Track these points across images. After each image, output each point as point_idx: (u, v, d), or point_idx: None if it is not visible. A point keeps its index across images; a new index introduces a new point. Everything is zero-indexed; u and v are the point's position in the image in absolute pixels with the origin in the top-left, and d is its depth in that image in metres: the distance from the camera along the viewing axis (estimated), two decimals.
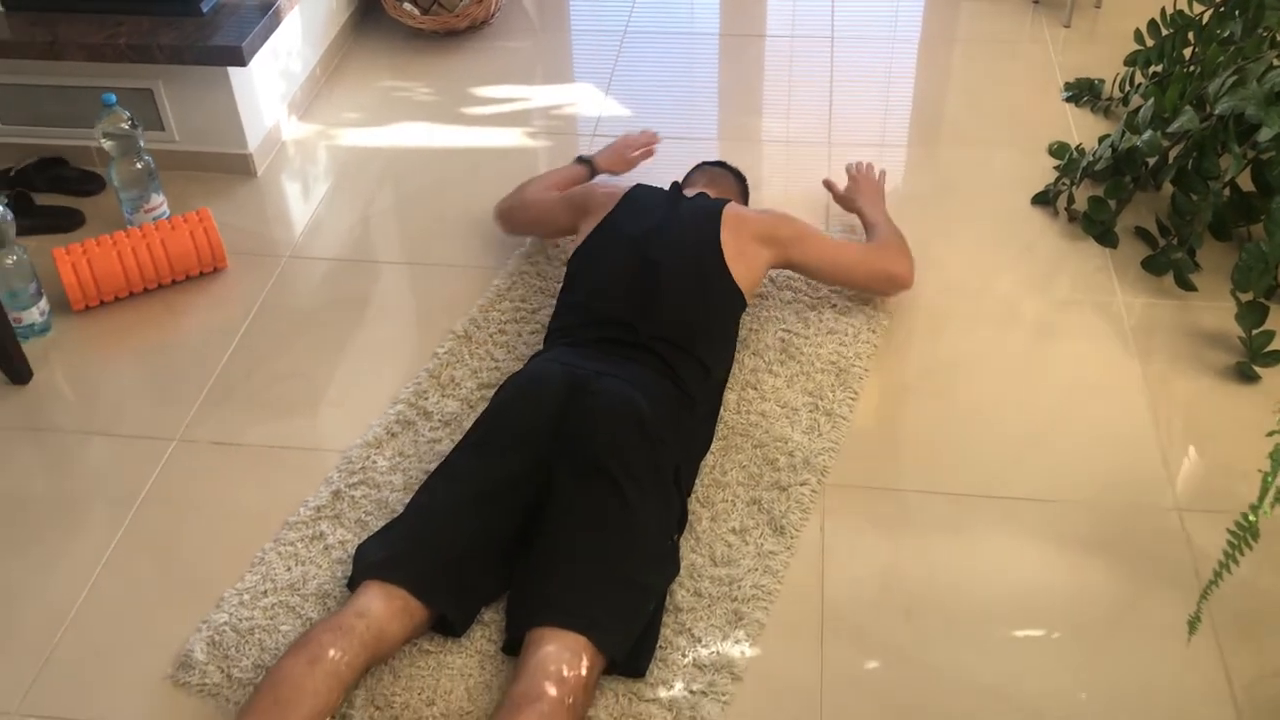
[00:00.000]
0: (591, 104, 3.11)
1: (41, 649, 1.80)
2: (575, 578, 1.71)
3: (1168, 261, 2.41)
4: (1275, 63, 2.36)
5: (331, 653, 1.59)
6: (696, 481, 2.00)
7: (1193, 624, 1.55)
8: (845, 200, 2.53)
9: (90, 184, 2.80)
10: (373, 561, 1.76)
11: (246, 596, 1.85)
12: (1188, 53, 2.72)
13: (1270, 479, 1.34)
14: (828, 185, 2.59)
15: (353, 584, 1.77)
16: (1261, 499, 1.36)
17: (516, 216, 2.51)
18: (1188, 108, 2.42)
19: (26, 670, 1.77)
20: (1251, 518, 1.38)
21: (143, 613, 1.85)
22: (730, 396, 2.16)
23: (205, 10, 2.67)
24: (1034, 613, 1.81)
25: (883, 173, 2.59)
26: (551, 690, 1.55)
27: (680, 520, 1.91)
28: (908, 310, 2.38)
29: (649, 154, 2.63)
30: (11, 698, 1.73)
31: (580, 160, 2.58)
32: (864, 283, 2.32)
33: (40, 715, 1.71)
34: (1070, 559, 1.89)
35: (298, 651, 1.60)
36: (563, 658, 1.60)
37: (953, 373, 2.24)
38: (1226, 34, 2.61)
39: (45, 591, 1.89)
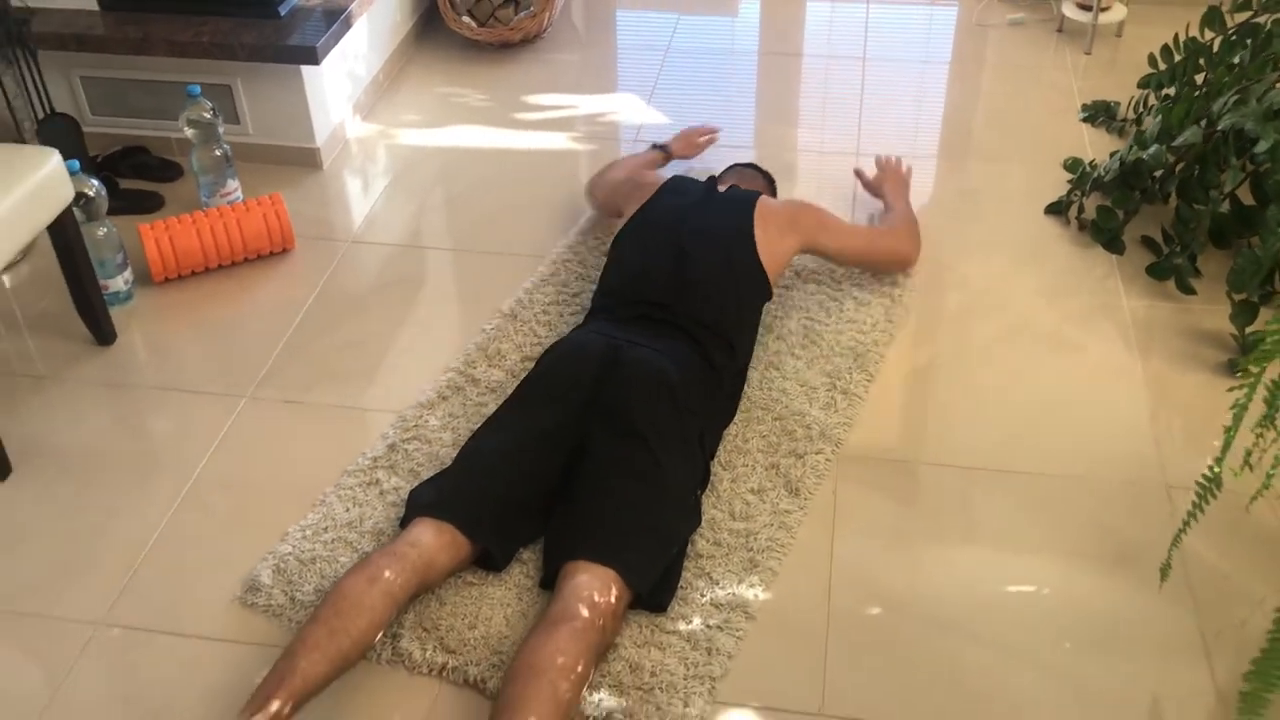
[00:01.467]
0: (633, 113, 3.31)
1: (125, 570, 2.00)
2: (608, 521, 1.89)
3: (1170, 267, 2.57)
4: (1277, 85, 2.53)
5: (387, 574, 1.78)
6: (720, 448, 2.18)
7: (1164, 571, 1.70)
8: (872, 187, 2.80)
9: (169, 171, 3.04)
10: (424, 502, 1.95)
11: (309, 532, 2.04)
12: (1200, 78, 2.89)
13: (1232, 433, 1.50)
14: (857, 173, 2.86)
15: (405, 523, 1.95)
16: (1224, 452, 1.51)
17: (595, 193, 2.75)
18: (1193, 125, 2.59)
19: (112, 587, 1.97)
20: (1216, 469, 1.53)
21: (215, 543, 2.05)
22: (754, 375, 2.34)
23: (282, 13, 2.90)
24: (1028, 572, 1.97)
25: (909, 168, 2.81)
26: (584, 612, 1.73)
27: (703, 479, 2.09)
28: (925, 304, 2.55)
29: (714, 140, 2.94)
30: (99, 609, 1.94)
31: (655, 146, 2.87)
32: (874, 262, 2.57)
33: (123, 625, 1.91)
34: (1064, 526, 2.04)
35: (357, 572, 1.78)
36: (594, 586, 1.77)
37: (964, 361, 2.41)
38: (1235, 59, 2.78)
39: (128, 522, 2.09)
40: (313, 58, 2.82)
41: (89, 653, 1.87)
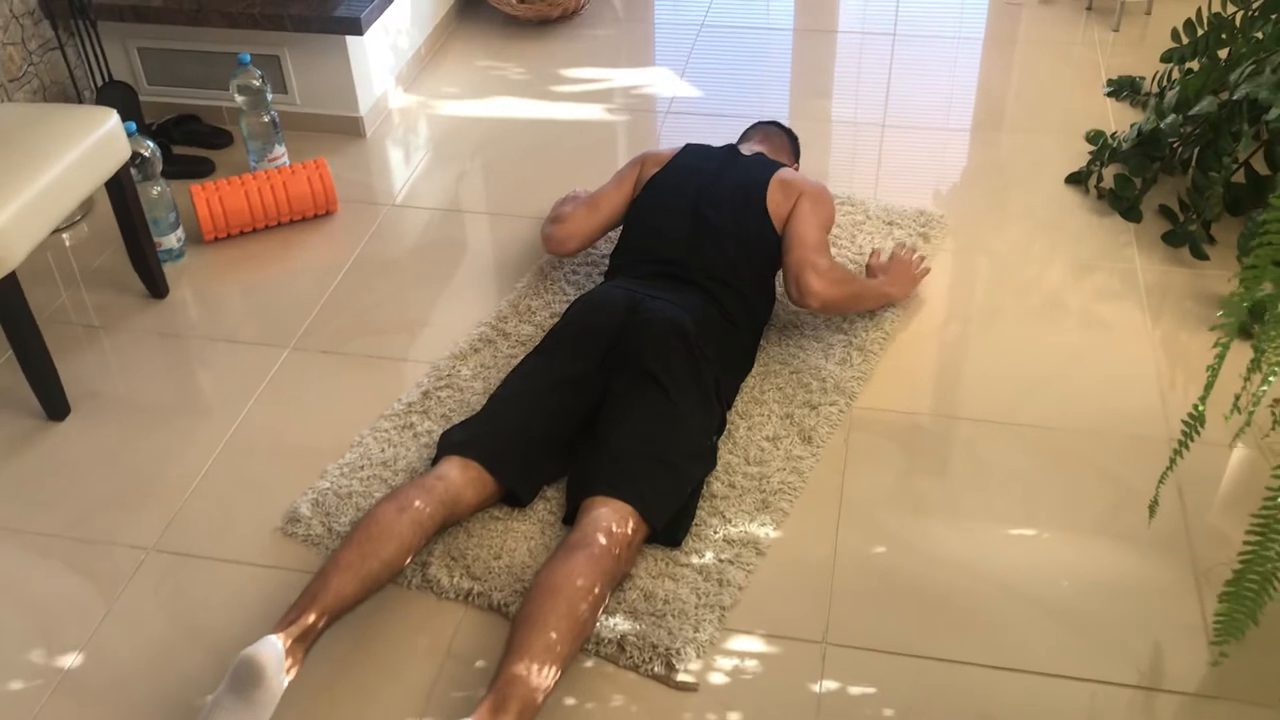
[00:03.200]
0: (667, 85, 3.41)
1: (175, 502, 2.14)
2: (626, 459, 1.99)
3: (1185, 234, 2.63)
4: None
5: (416, 504, 1.89)
6: (737, 399, 2.28)
7: (1152, 508, 1.77)
8: (873, 269, 2.55)
9: (220, 139, 3.17)
10: (453, 442, 2.06)
11: (346, 469, 2.16)
12: (1223, 53, 2.93)
13: (1214, 372, 1.57)
14: (873, 254, 2.58)
15: (435, 463, 2.06)
16: (1207, 390, 1.59)
17: (585, 226, 2.53)
18: (1209, 95, 2.64)
19: (162, 517, 2.11)
20: (1200, 408, 1.61)
21: (258, 479, 2.18)
22: (773, 333, 2.43)
23: None
24: (1029, 516, 2.05)
25: (926, 268, 2.56)
26: (602, 540, 1.83)
27: (719, 425, 2.19)
28: (943, 267, 2.63)
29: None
30: (151, 536, 2.07)
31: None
32: (790, 262, 2.31)
33: (172, 551, 2.04)
34: (1068, 474, 2.12)
35: (388, 501, 1.90)
36: (613, 518, 1.88)
37: (979, 322, 2.48)
38: (1258, 34, 2.82)
39: (179, 459, 2.23)
40: (357, 28, 2.94)
41: (141, 575, 2.00)
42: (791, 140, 2.75)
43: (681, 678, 1.80)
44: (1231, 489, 2.05)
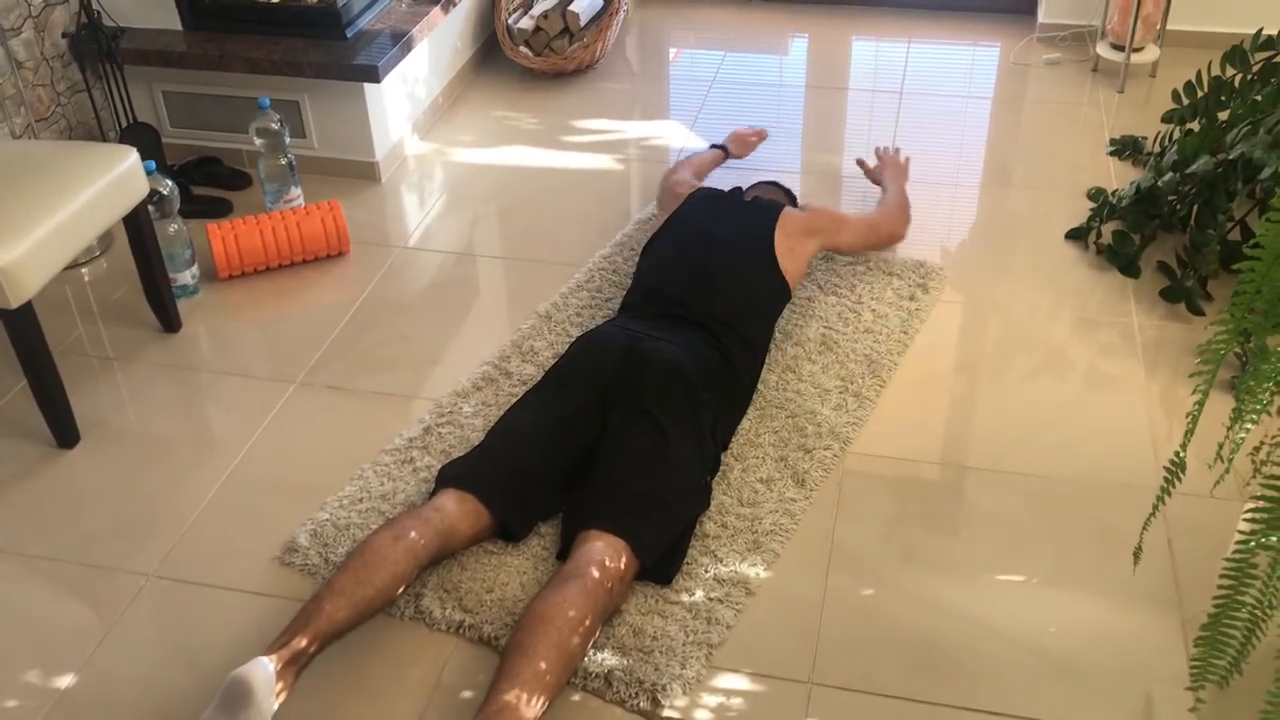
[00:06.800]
0: (678, 137, 3.48)
1: (177, 530, 2.17)
2: (621, 496, 2.02)
3: (1182, 290, 2.66)
4: None
5: (411, 534, 1.93)
6: (733, 441, 2.31)
7: (1136, 554, 1.79)
8: (873, 175, 3.10)
9: (239, 180, 3.25)
10: (450, 475, 2.10)
11: (345, 501, 2.20)
12: (1223, 115, 2.98)
13: (1193, 421, 1.60)
14: (859, 163, 3.15)
15: (433, 495, 2.10)
16: (1187, 438, 1.61)
17: (661, 193, 2.96)
18: (1206, 155, 2.69)
19: (164, 545, 2.14)
20: (1181, 454, 1.63)
21: (259, 509, 2.21)
22: (770, 377, 2.47)
23: (349, 35, 3.12)
24: (1019, 563, 2.06)
25: (907, 158, 3.13)
26: (594, 572, 1.86)
27: (714, 466, 2.22)
28: (941, 318, 2.66)
29: (763, 139, 3.26)
30: (152, 563, 2.11)
31: (714, 146, 3.17)
32: (877, 246, 2.85)
33: (173, 578, 2.08)
34: (1059, 522, 2.14)
35: (384, 530, 1.93)
36: (606, 552, 1.91)
37: (975, 371, 2.51)
38: (1255, 96, 2.87)
39: (183, 489, 2.27)
40: (374, 76, 3.02)
41: (140, 600, 2.04)
42: (789, 198, 2.81)
43: (667, 714, 1.81)
44: (1219, 538, 2.07)
